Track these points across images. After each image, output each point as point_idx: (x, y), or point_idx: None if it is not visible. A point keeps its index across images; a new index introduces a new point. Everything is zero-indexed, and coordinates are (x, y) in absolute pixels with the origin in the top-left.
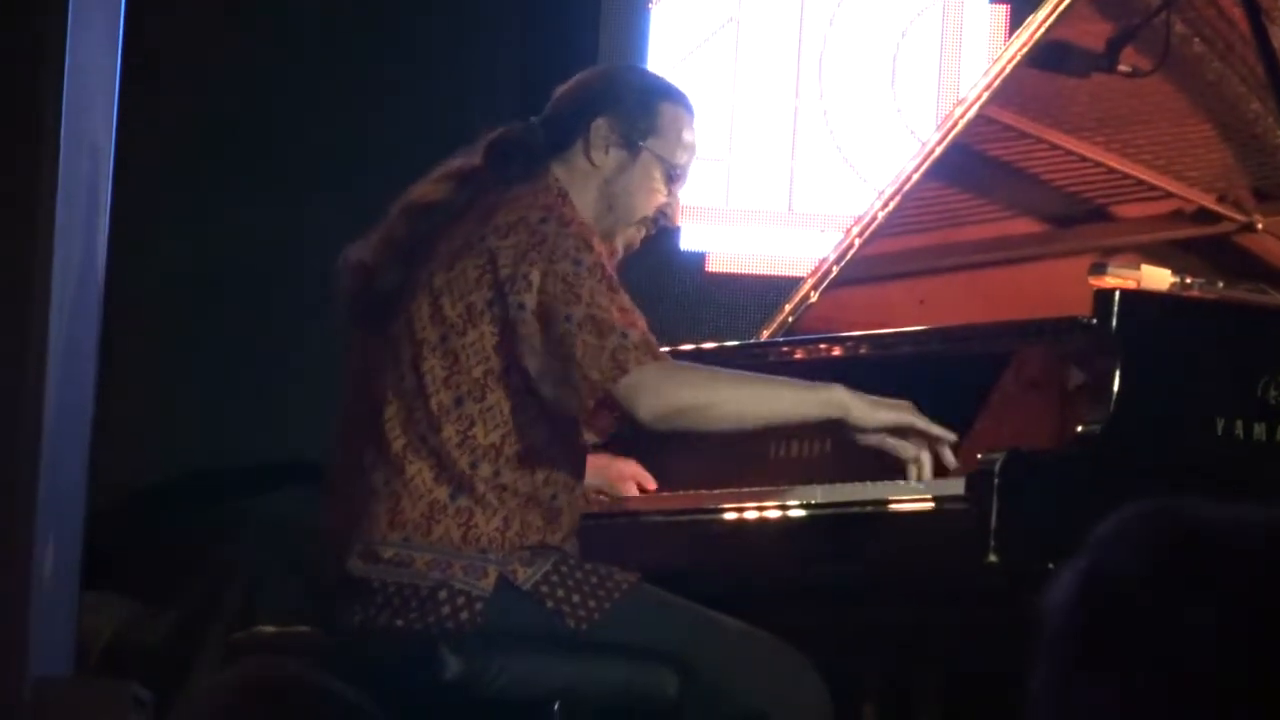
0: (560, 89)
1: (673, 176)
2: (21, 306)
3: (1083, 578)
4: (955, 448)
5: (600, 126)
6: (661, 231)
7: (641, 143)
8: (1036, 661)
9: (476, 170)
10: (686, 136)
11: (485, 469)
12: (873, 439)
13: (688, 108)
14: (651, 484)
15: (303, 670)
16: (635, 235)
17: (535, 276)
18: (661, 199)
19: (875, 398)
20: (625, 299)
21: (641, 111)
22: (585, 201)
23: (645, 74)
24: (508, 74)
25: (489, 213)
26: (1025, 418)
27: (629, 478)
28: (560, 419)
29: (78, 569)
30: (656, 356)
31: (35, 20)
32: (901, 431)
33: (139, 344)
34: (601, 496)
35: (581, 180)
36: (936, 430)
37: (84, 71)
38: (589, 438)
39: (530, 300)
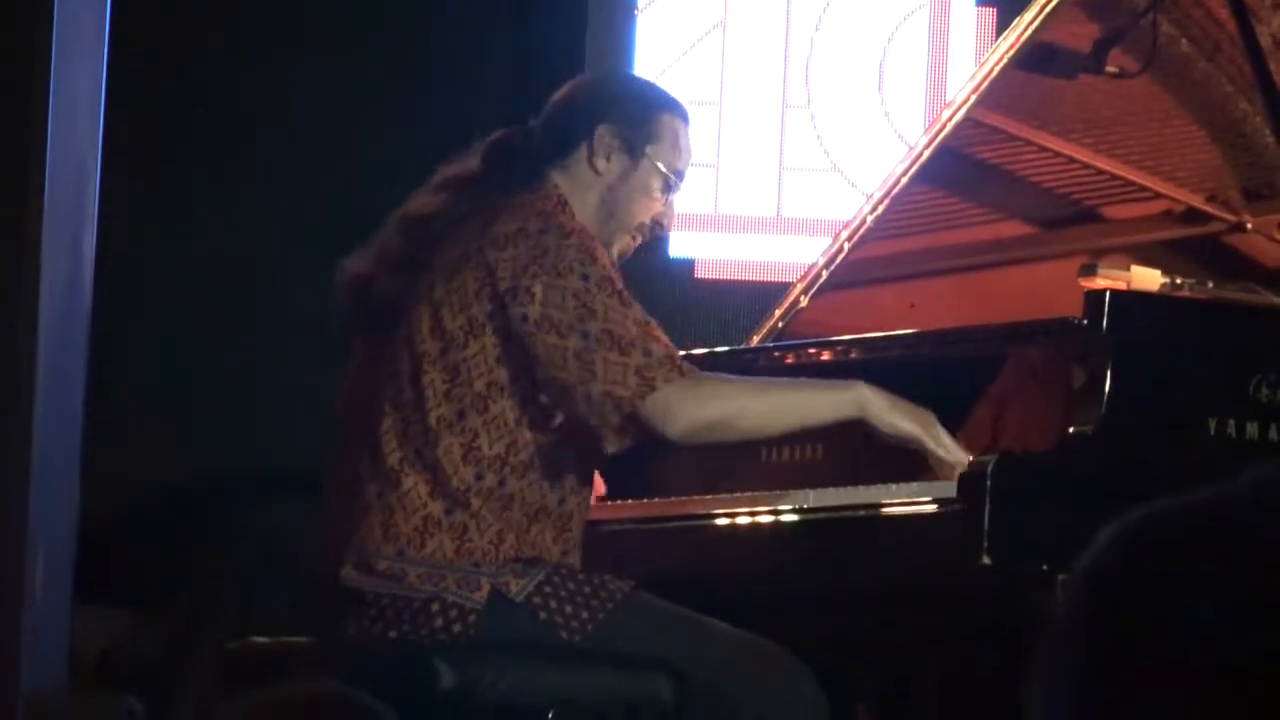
0: (558, 94)
1: (670, 185)
2: (9, 320)
3: (1085, 584)
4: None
5: (604, 133)
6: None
7: (644, 150)
8: (1039, 672)
9: (474, 177)
10: (683, 144)
11: (490, 479)
12: (891, 441)
13: (684, 116)
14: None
15: (343, 689)
16: (630, 243)
17: (538, 289)
18: (658, 207)
19: (897, 400)
20: (639, 310)
21: (642, 119)
22: (586, 209)
23: (643, 81)
24: (495, 82)
25: (487, 222)
26: (1016, 420)
27: None
28: (570, 425)
29: (69, 582)
30: (682, 371)
31: (20, 34)
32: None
33: (130, 356)
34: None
35: (583, 188)
36: (941, 454)
37: (70, 82)
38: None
39: (534, 312)
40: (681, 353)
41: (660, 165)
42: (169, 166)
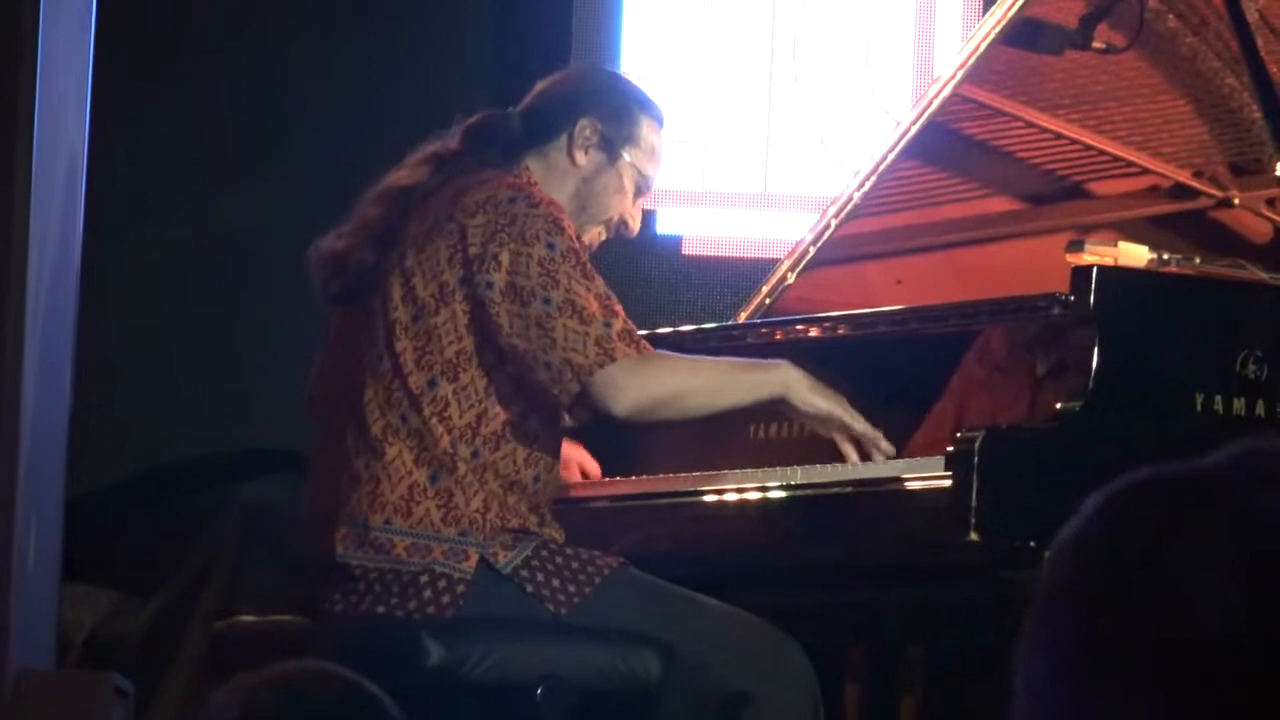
0: (542, 84)
1: (641, 187)
2: None
3: (1073, 552)
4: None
5: (585, 126)
6: None
7: (621, 149)
8: (1028, 642)
9: (451, 154)
10: (658, 149)
11: (464, 450)
12: (807, 421)
13: (660, 121)
14: (596, 471)
15: (331, 667)
16: (597, 237)
17: (505, 256)
18: (627, 206)
19: (817, 382)
20: (600, 284)
21: (624, 118)
22: (561, 197)
23: (626, 81)
24: (480, 54)
25: (459, 193)
26: (1002, 395)
27: (574, 464)
28: (537, 398)
29: (58, 561)
30: (639, 348)
31: (7, 20)
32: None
33: (117, 333)
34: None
35: (559, 176)
36: (860, 429)
37: (57, 69)
38: (564, 420)
39: (499, 280)
40: (669, 329)
41: (635, 165)
42: (152, 147)
